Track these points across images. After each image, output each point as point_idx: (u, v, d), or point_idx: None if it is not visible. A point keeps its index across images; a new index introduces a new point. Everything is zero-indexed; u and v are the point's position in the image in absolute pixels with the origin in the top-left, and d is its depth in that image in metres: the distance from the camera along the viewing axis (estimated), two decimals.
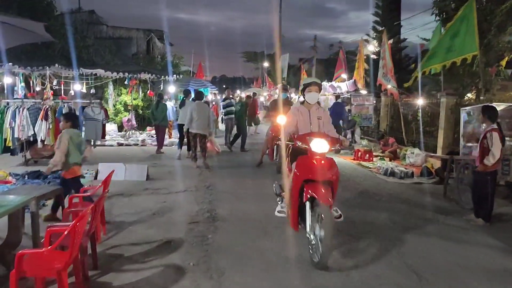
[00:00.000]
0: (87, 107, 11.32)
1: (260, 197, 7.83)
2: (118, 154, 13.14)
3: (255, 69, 63.36)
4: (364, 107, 15.34)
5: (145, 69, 16.71)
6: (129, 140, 16.02)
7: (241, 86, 65.24)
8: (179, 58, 22.32)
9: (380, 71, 14.37)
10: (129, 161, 11.62)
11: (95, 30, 22.29)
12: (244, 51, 60.57)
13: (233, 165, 11.62)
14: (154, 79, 17.87)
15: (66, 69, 15.35)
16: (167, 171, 10.43)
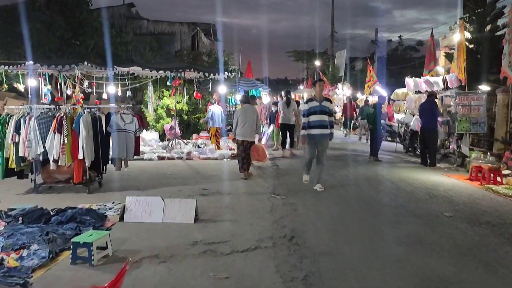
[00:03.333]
0: (115, 114, 8.41)
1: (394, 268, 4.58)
2: (158, 173, 10.22)
3: (305, 68, 60.01)
4: (472, 108, 11.79)
5: (190, 65, 13.80)
6: (172, 152, 13.13)
7: (287, 88, 62.12)
8: (229, 55, 19.44)
9: (506, 58, 10.74)
10: (172, 184, 8.67)
11: (134, 25, 19.77)
12: (292, 50, 57.24)
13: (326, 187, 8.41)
14: (201, 78, 14.94)
15: (97, 68, 12.65)
16: (223, 202, 7.34)
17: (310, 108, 8.38)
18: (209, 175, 10.14)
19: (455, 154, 12.31)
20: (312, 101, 8.47)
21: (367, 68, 23.66)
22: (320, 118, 8.32)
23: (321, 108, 8.35)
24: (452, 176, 10.41)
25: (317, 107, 8.35)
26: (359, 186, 8.74)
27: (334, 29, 43.10)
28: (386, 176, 10.00)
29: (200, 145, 14.37)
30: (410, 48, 46.99)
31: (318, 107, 8.35)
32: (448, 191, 8.41)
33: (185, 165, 11.64)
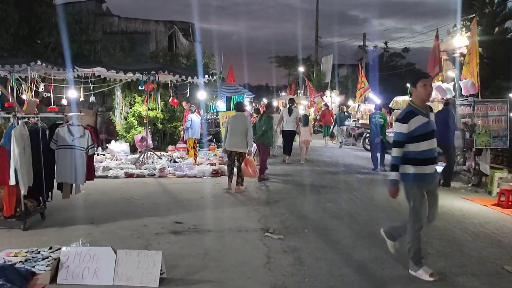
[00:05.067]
0: (61, 127, 6.44)
1: None
2: (121, 198, 8.27)
3: (287, 75, 58.57)
4: (493, 119, 10.20)
5: (165, 67, 11.89)
6: (143, 167, 11.17)
7: (268, 94, 60.56)
8: (209, 57, 17.59)
9: None
10: (136, 215, 6.75)
11: (104, 23, 17.73)
12: (275, 56, 55.73)
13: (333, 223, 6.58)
14: (177, 82, 13.05)
15: (55, 68, 10.70)
16: (202, 247, 5.44)
17: (417, 129, 4.52)
18: (186, 199, 8.23)
19: (470, 171, 10.67)
20: (416, 115, 4.56)
21: (358, 74, 22.15)
22: (432, 145, 4.71)
23: (432, 127, 4.71)
24: (475, 200, 8.74)
25: (428, 125, 4.62)
26: (375, 220, 6.95)
27: (319, 35, 41.63)
28: (401, 201, 8.23)
29: (176, 159, 12.44)
30: (396, 55, 45.91)
31: (429, 125, 4.65)
32: (485, 224, 6.69)
33: (157, 185, 9.71)
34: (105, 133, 15.69)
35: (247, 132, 8.98)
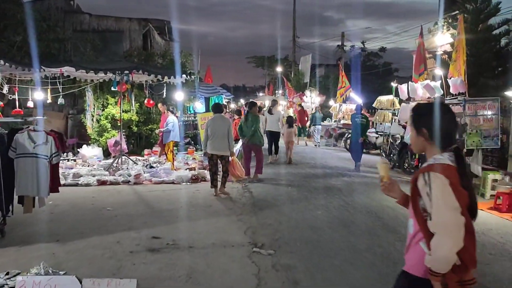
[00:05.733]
0: (20, 133, 5.69)
1: None
2: (93, 209, 7.52)
3: (265, 75, 58.06)
4: (484, 119, 9.81)
5: (139, 66, 11.15)
6: (117, 174, 10.42)
7: (245, 95, 59.94)
8: (187, 56, 16.86)
9: None
10: (108, 229, 6.04)
11: (74, 21, 16.82)
12: (252, 56, 55.14)
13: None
14: (153, 82, 12.32)
15: (20, 68, 9.90)
16: (182, 267, 4.80)
17: None
18: (164, 209, 7.56)
19: None
20: None
21: (339, 73, 21.71)
22: None
23: None
24: None
25: None
26: (372, 230, 6.41)
27: (296, 34, 41.16)
28: (395, 207, 7.75)
29: (153, 164, 11.72)
30: (373, 55, 45.82)
31: None
32: (488, 232, 6.25)
33: (132, 193, 9.00)
34: (76, 137, 14.85)
35: (228, 133, 8.64)
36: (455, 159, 2.14)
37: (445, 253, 1.97)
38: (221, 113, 9.24)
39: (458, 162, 2.14)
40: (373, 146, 17.90)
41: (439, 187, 2.02)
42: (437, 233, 2.00)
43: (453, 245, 1.96)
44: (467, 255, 2.03)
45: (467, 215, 2.05)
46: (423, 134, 2.22)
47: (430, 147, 2.22)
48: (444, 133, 2.20)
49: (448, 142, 2.20)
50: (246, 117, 10.54)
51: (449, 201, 2.00)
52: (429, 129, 2.20)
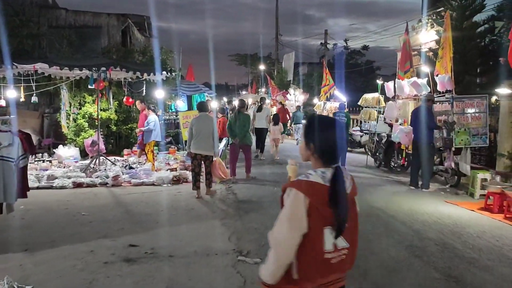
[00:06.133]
0: None
1: None
2: (67, 214, 7.06)
3: (248, 73, 57.63)
4: (472, 117, 9.59)
5: (117, 62, 10.68)
6: (94, 176, 9.95)
7: (228, 93, 59.46)
8: (167, 53, 16.39)
9: None
10: (82, 237, 5.60)
11: (50, 16, 16.15)
12: (235, 54, 54.71)
13: None
14: (132, 80, 11.86)
15: None
16: (161, 280, 4.41)
17: None
18: (143, 213, 7.14)
19: (447, 172, 10.10)
20: None
21: (323, 71, 21.44)
22: None
23: None
24: (459, 204, 8.11)
25: None
26: (362, 234, 6.09)
27: (279, 32, 40.86)
28: (383, 208, 7.47)
29: (132, 164, 11.25)
30: (355, 53, 45.82)
31: None
32: (483, 235, 5.99)
33: (110, 196, 8.54)
34: (53, 137, 14.26)
35: (213, 133, 8.45)
36: (332, 177, 2.12)
37: (271, 264, 2.07)
38: (206, 111, 8.97)
39: (334, 180, 2.11)
40: (358, 145, 17.70)
41: (292, 203, 2.06)
42: (271, 243, 2.10)
43: (278, 259, 2.05)
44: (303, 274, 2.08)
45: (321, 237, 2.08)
46: (309, 147, 2.24)
47: (315, 161, 2.23)
48: (328, 149, 2.20)
49: (329, 158, 2.20)
50: (237, 116, 10.23)
51: (295, 220, 2.04)
52: (315, 144, 2.21)
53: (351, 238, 2.20)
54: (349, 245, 2.16)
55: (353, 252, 2.22)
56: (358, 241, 2.28)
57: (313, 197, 2.06)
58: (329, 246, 2.09)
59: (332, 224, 2.09)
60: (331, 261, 2.10)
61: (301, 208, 2.05)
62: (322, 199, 2.07)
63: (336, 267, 2.13)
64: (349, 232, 2.17)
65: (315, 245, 2.07)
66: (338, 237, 2.11)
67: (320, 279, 2.12)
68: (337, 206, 2.09)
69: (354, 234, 2.26)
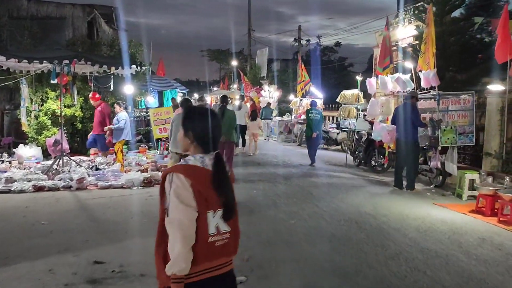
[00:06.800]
0: None
1: None
2: (24, 224, 6.27)
3: (219, 69, 56.81)
4: (458, 114, 9.24)
5: (81, 54, 9.86)
6: (56, 178, 9.12)
7: (199, 90, 58.48)
8: (137, 46, 15.56)
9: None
10: (40, 251, 4.89)
11: (10, 7, 15.07)
12: (207, 49, 53.81)
13: None
14: (99, 74, 11.04)
15: None
16: None
17: None
18: (110, 222, 6.43)
19: (432, 172, 9.74)
20: None
21: (298, 67, 21.00)
22: None
23: None
24: (449, 206, 7.73)
25: None
26: (356, 244, 5.57)
27: (252, 27, 40.20)
28: (373, 213, 6.98)
29: (99, 165, 10.45)
30: (328, 49, 45.71)
31: None
32: (483, 243, 5.56)
33: (74, 202, 7.77)
34: (13, 136, 13.26)
35: None
36: (214, 163, 2.22)
37: (179, 250, 2.05)
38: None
39: (216, 166, 2.22)
40: (334, 142, 17.32)
41: (178, 186, 2.11)
42: (170, 231, 2.10)
43: (184, 240, 2.06)
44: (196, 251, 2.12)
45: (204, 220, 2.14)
46: (189, 136, 2.31)
47: (194, 149, 2.31)
48: (206, 137, 2.29)
49: (208, 145, 2.29)
50: (223, 112, 9.71)
51: (185, 199, 2.10)
52: (194, 132, 2.30)
53: (232, 223, 2.25)
54: (230, 229, 2.22)
55: (235, 236, 2.27)
56: (239, 227, 2.33)
57: (194, 179, 2.12)
58: (212, 229, 2.15)
59: (214, 208, 2.16)
60: (216, 244, 2.16)
61: (188, 188, 2.10)
62: (204, 182, 2.13)
63: (220, 250, 2.18)
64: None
65: (199, 228, 2.12)
66: (228, 220, 2.19)
67: (206, 263, 2.14)
68: (222, 188, 2.18)
69: (235, 220, 2.29)
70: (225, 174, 2.23)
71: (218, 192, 2.16)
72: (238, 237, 2.31)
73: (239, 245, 2.31)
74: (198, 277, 2.12)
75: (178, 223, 2.06)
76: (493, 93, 9.14)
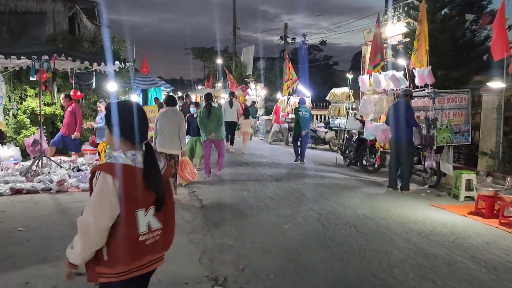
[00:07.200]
0: None
1: None
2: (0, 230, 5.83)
3: (204, 67, 56.32)
4: (454, 113, 9.00)
5: (61, 50, 9.37)
6: (35, 180, 8.64)
7: (183, 88, 57.87)
8: (120, 43, 15.04)
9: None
10: (16, 261, 4.48)
11: None
12: (191, 47, 53.25)
13: None
14: (80, 71, 10.56)
15: None
16: None
17: None
18: None
19: (426, 171, 9.51)
20: None
21: (286, 65, 20.68)
22: None
23: None
24: (446, 208, 7.49)
25: None
26: (357, 250, 5.25)
27: (237, 25, 39.76)
28: (371, 216, 6.68)
29: (81, 166, 9.98)
30: (313, 48, 45.51)
31: None
32: (490, 248, 5.30)
33: (54, 205, 7.31)
34: None
35: (180, 130, 7.70)
36: (145, 159, 2.15)
37: (78, 252, 2.03)
38: (174, 106, 8.11)
39: (147, 162, 2.15)
40: (322, 141, 17.06)
41: (101, 187, 2.03)
42: (78, 229, 2.05)
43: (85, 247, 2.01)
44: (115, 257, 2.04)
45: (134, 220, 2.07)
46: (115, 132, 2.22)
47: (123, 145, 2.22)
48: (133, 131, 2.20)
49: (136, 138, 2.21)
50: (209, 110, 9.54)
51: (105, 203, 2.02)
52: (120, 128, 2.20)
53: (165, 219, 2.21)
54: (162, 225, 2.19)
55: (167, 233, 2.23)
56: (174, 223, 2.29)
57: (123, 179, 2.04)
58: (143, 228, 2.11)
59: (146, 206, 2.11)
60: (146, 243, 2.12)
61: (111, 191, 2.03)
62: (134, 181, 2.06)
63: (150, 248, 2.15)
64: (163, 213, 2.19)
65: (129, 228, 2.05)
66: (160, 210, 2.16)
67: (136, 262, 2.10)
68: (153, 186, 2.11)
69: (170, 216, 2.25)
70: (156, 170, 2.17)
71: (149, 189, 2.11)
72: (171, 233, 2.29)
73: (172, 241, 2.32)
74: (128, 275, 2.08)
75: (85, 229, 2.01)
76: (489, 91, 8.92)
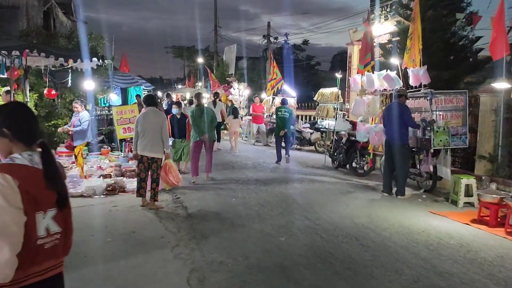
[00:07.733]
0: None
1: None
2: None
3: (184, 66, 55.46)
4: (451, 114, 8.63)
5: (34, 45, 8.68)
6: None
7: (162, 87, 56.96)
8: (98, 39, 14.32)
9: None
10: None
11: None
12: (171, 46, 52.36)
13: None
14: (55, 68, 9.87)
15: None
16: None
17: None
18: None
19: (421, 175, 9.12)
20: None
21: (270, 64, 20.19)
22: None
23: None
24: (448, 215, 7.08)
25: None
26: (364, 268, 4.75)
27: (218, 24, 39.11)
28: (372, 227, 6.21)
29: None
30: (296, 47, 45.18)
31: None
32: (502, 261, 4.88)
33: None
34: None
35: (162, 131, 7.23)
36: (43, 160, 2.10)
37: (7, 258, 1.88)
38: (155, 106, 7.58)
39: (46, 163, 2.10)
40: (308, 142, 16.62)
41: (4, 187, 1.94)
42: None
43: (13, 247, 1.90)
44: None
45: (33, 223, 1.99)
46: (5, 135, 2.09)
47: (16, 147, 2.10)
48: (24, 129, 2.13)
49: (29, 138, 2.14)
50: (200, 110, 9.21)
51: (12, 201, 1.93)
52: (10, 129, 2.09)
53: (64, 223, 2.16)
54: (61, 229, 2.13)
55: (66, 237, 2.18)
56: (73, 227, 2.23)
57: (22, 180, 1.98)
58: (42, 231, 2.04)
59: (44, 208, 2.05)
60: (45, 247, 2.05)
61: (15, 190, 1.94)
62: (33, 182, 2.02)
63: (50, 252, 2.08)
64: (62, 216, 2.15)
65: (27, 231, 1.98)
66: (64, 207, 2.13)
67: (35, 267, 2.03)
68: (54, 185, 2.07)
69: (68, 219, 2.20)
70: (56, 170, 2.12)
71: (50, 189, 2.05)
72: (69, 238, 2.22)
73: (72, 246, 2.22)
74: (26, 281, 2.00)
75: (4, 230, 1.89)
76: (487, 92, 8.56)
